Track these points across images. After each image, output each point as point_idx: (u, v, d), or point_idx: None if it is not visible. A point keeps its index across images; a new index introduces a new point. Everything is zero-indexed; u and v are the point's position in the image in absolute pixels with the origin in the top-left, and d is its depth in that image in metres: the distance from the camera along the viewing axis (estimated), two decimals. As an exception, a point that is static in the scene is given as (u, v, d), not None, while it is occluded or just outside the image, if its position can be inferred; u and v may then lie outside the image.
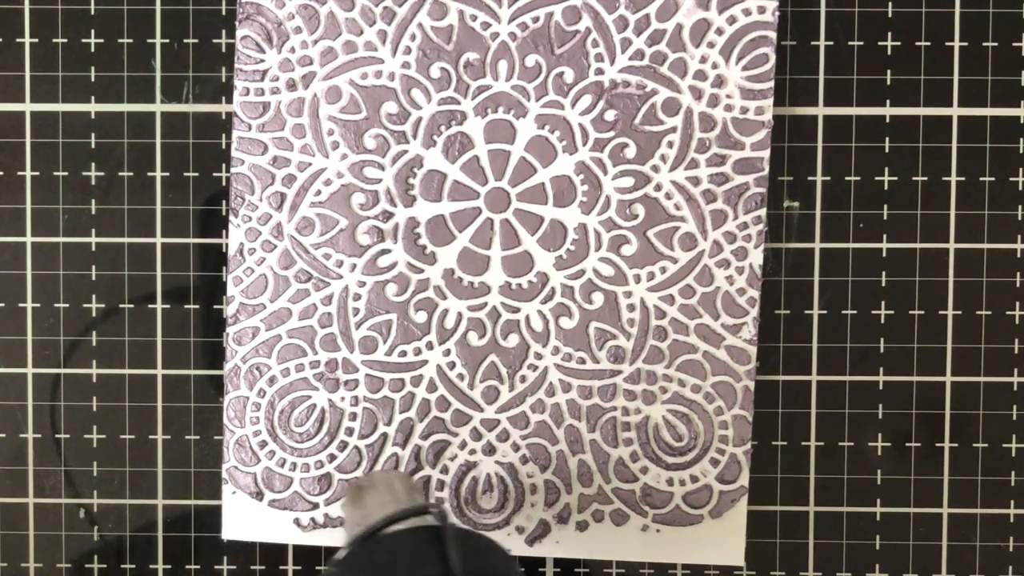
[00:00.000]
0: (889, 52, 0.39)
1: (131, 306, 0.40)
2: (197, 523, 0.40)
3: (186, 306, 0.40)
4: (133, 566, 0.40)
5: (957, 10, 0.39)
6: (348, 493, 0.32)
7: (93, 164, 0.40)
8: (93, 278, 0.40)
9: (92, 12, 0.39)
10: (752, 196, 0.38)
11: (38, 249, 0.40)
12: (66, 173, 0.40)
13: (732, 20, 0.38)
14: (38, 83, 0.40)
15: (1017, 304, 0.39)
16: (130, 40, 0.39)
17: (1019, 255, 0.39)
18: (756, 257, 0.38)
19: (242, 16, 0.38)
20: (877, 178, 0.39)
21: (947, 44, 0.39)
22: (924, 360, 0.39)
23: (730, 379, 0.38)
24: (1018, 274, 0.39)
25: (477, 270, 0.38)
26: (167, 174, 0.40)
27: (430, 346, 0.38)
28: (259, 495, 0.38)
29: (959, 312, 0.39)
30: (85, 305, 0.40)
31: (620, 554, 0.38)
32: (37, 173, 0.40)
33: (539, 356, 0.38)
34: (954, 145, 0.39)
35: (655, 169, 0.38)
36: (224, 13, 0.39)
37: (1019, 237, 0.39)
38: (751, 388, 0.38)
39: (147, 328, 0.40)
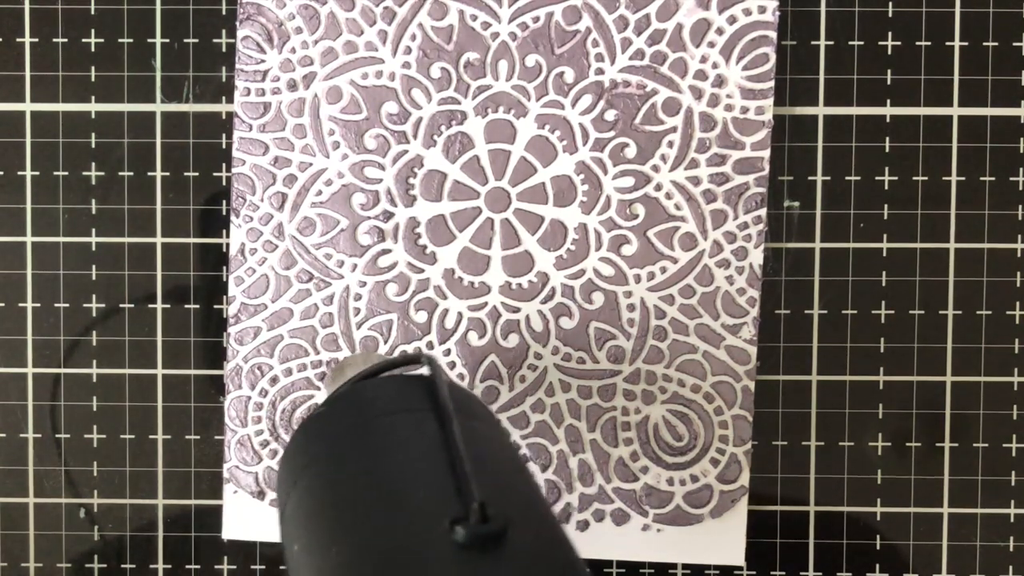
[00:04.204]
0: (889, 52, 0.39)
1: (131, 306, 0.40)
2: (197, 523, 0.40)
3: (186, 306, 0.40)
4: (133, 566, 0.40)
5: (957, 10, 0.39)
6: (331, 371, 0.32)
7: (93, 164, 0.40)
8: (93, 278, 0.40)
9: (92, 12, 0.39)
10: (752, 196, 0.38)
11: (38, 249, 0.40)
12: (66, 173, 0.40)
13: (732, 20, 0.38)
14: (38, 83, 0.39)
15: (1017, 304, 0.39)
16: (130, 40, 0.39)
17: (1019, 255, 0.39)
18: (756, 257, 0.38)
19: (243, 16, 0.38)
20: (877, 178, 0.39)
21: (947, 44, 0.39)
22: (924, 360, 0.39)
23: (730, 379, 0.38)
24: (1018, 274, 0.39)
25: (477, 270, 0.38)
26: (167, 174, 0.40)
27: (430, 346, 0.38)
28: (261, 494, 0.38)
29: (959, 312, 0.39)
30: (85, 305, 0.40)
31: (621, 553, 0.38)
32: (37, 173, 0.40)
33: (539, 356, 0.38)
34: (954, 145, 0.39)
35: (655, 169, 0.38)
36: (224, 13, 0.39)
37: (1019, 237, 0.39)
38: (751, 388, 0.38)
39: (147, 328, 0.40)
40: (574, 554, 0.22)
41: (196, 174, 0.40)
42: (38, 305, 0.40)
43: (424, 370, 0.28)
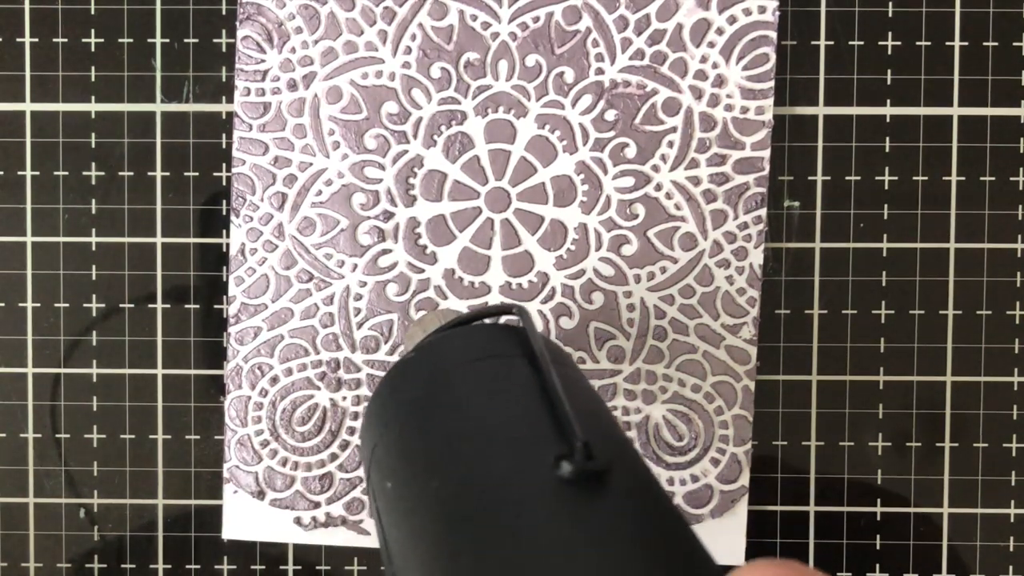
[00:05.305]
0: (889, 52, 0.39)
1: (131, 306, 0.40)
2: (197, 523, 0.40)
3: (186, 306, 0.40)
4: (133, 566, 0.40)
5: (957, 10, 0.39)
6: (409, 328, 0.32)
7: (93, 164, 0.40)
8: (93, 278, 0.40)
9: (92, 12, 0.39)
10: (752, 196, 0.38)
11: (38, 249, 0.40)
12: (66, 173, 0.40)
13: (732, 20, 0.38)
14: (38, 83, 0.39)
15: (1017, 304, 0.39)
16: (130, 40, 0.39)
17: (1019, 255, 0.39)
18: (756, 257, 0.38)
19: (242, 16, 0.38)
20: (877, 178, 0.39)
21: (947, 44, 0.39)
22: (924, 360, 0.39)
23: (730, 379, 0.38)
24: (1018, 274, 0.39)
25: (477, 270, 0.38)
26: (167, 174, 0.40)
27: (431, 346, 0.38)
28: (260, 494, 0.38)
29: (959, 312, 0.39)
30: (85, 305, 0.40)
31: (621, 554, 0.38)
32: (37, 173, 0.40)
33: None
34: (954, 145, 0.39)
35: (655, 169, 0.38)
36: (224, 13, 0.39)
37: (1019, 237, 0.39)
38: (751, 388, 0.38)
39: (147, 328, 0.40)
40: (669, 498, 0.23)
41: (196, 174, 0.40)
42: (38, 305, 0.40)
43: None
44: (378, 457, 0.26)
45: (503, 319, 0.36)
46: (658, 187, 0.38)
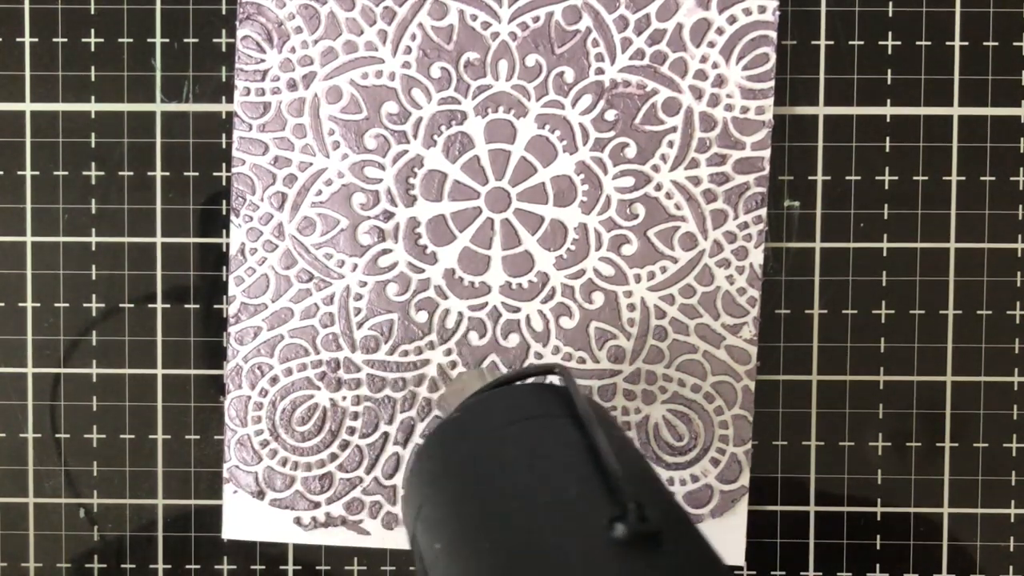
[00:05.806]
0: (889, 52, 0.39)
1: (131, 306, 0.40)
2: (197, 523, 0.40)
3: (186, 306, 0.40)
4: (133, 566, 0.40)
5: (957, 10, 0.39)
6: (449, 386, 0.32)
7: (93, 164, 0.40)
8: (93, 278, 0.40)
9: (92, 12, 0.39)
10: (752, 196, 0.38)
11: (38, 249, 0.40)
12: (66, 173, 0.40)
13: (732, 20, 0.38)
14: (38, 83, 0.39)
15: (1017, 304, 0.39)
16: (130, 40, 0.39)
17: (1019, 255, 0.39)
18: (756, 257, 0.38)
19: (242, 16, 0.38)
20: (877, 178, 0.39)
21: (947, 44, 0.39)
22: (924, 360, 0.39)
23: (730, 379, 0.38)
24: (1018, 274, 0.39)
25: (478, 270, 0.38)
26: (167, 174, 0.40)
27: (431, 346, 0.38)
28: (260, 494, 0.38)
29: (959, 312, 0.39)
30: (85, 305, 0.40)
31: (621, 554, 0.38)
32: (37, 173, 0.40)
33: (539, 356, 0.38)
34: (954, 145, 0.39)
35: (655, 169, 0.38)
36: (224, 13, 0.39)
37: (1019, 237, 0.39)
38: (751, 388, 0.38)
39: (147, 328, 0.40)
40: (721, 558, 0.22)
41: (196, 174, 0.40)
42: (38, 305, 0.40)
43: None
44: (425, 517, 0.25)
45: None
46: (658, 187, 0.38)
